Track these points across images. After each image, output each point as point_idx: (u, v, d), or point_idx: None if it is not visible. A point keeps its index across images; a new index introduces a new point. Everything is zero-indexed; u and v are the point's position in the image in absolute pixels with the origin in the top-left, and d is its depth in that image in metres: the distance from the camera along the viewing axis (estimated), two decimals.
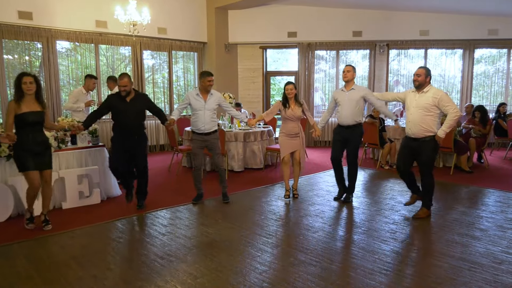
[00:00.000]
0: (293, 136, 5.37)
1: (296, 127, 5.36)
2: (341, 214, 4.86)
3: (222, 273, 3.33)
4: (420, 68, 4.55)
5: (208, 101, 5.14)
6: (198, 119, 5.14)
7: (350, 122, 5.18)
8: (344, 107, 5.20)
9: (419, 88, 4.52)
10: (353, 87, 5.19)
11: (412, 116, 4.52)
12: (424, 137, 4.48)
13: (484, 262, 3.50)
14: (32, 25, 7.80)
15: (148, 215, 4.87)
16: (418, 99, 4.52)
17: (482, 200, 5.50)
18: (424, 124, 4.45)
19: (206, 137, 5.18)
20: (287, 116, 5.30)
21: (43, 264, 3.54)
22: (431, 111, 4.45)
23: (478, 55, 10.82)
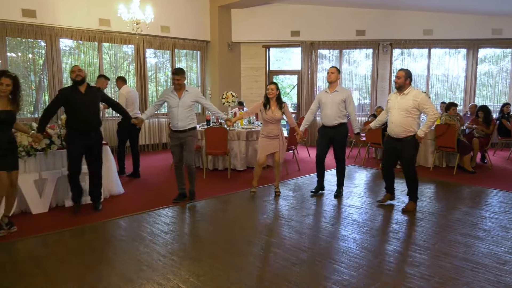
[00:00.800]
0: (272, 138, 5.33)
1: (276, 129, 5.32)
2: (344, 214, 4.85)
3: (224, 272, 3.33)
4: (401, 70, 4.79)
5: (183, 98, 5.05)
6: (173, 116, 5.09)
7: (334, 123, 5.31)
8: (327, 108, 5.31)
9: (399, 89, 4.77)
10: (336, 89, 5.33)
11: (394, 118, 4.74)
12: (406, 136, 4.71)
13: (487, 262, 3.49)
14: (35, 23, 7.81)
15: (151, 214, 4.87)
16: (399, 101, 4.74)
17: (485, 201, 5.48)
18: (405, 125, 4.69)
19: (181, 135, 5.10)
20: (267, 118, 5.26)
21: (46, 261, 3.55)
22: (412, 112, 4.66)
23: (482, 55, 10.77)
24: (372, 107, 10.40)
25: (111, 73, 9.45)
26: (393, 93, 4.95)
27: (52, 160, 5.05)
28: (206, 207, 5.17)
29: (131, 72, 9.76)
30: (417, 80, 10.72)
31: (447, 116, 7.24)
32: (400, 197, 5.58)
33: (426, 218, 4.67)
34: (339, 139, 5.39)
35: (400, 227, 4.38)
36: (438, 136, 7.20)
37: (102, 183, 5.38)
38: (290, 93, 15.03)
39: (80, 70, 4.67)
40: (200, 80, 10.76)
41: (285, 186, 6.20)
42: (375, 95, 10.51)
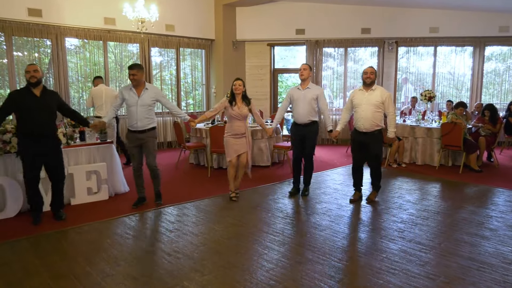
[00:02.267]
0: (239, 136, 5.13)
1: (242, 127, 5.14)
2: (349, 213, 4.83)
3: (229, 270, 3.33)
4: (371, 67, 5.05)
5: (142, 96, 4.77)
6: (131, 116, 4.81)
7: (306, 120, 5.26)
8: (299, 105, 5.25)
9: (370, 85, 4.99)
10: (308, 86, 5.28)
11: (364, 113, 4.95)
12: (374, 130, 4.97)
13: (494, 262, 3.46)
14: (41, 22, 7.85)
15: (156, 212, 4.88)
16: (367, 97, 4.97)
17: (491, 200, 5.44)
18: (375, 120, 4.95)
19: (140, 135, 4.83)
20: (233, 114, 5.07)
21: (51, 259, 3.57)
22: (380, 107, 4.95)
23: (489, 53, 10.68)
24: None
25: (116, 72, 9.50)
26: (358, 90, 5.16)
27: None
28: (211, 206, 5.17)
29: None
30: (422, 79, 10.66)
31: (453, 114, 7.18)
32: (405, 195, 5.55)
33: (432, 217, 4.65)
34: (311, 137, 5.34)
35: (405, 226, 4.36)
36: (444, 135, 7.15)
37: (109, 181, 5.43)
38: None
39: (36, 70, 4.23)
40: (204, 79, 10.77)
41: (290, 185, 6.18)
42: None
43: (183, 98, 10.29)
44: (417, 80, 10.71)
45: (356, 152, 5.25)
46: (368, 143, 5.04)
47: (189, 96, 10.84)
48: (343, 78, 10.67)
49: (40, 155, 4.36)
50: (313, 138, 5.37)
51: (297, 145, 5.42)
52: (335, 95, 10.96)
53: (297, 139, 5.41)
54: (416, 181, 6.44)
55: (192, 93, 10.83)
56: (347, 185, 6.15)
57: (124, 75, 9.74)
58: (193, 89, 10.78)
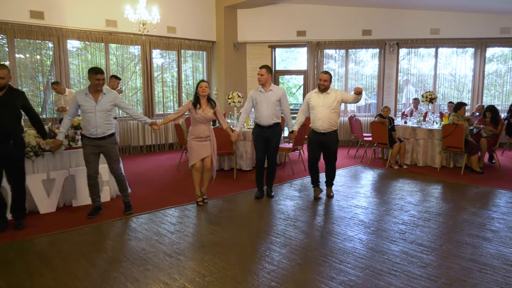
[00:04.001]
0: (203, 139, 5.01)
1: (207, 130, 5.03)
2: (350, 214, 4.83)
3: (230, 271, 3.34)
4: (327, 74, 5.26)
5: (100, 101, 4.56)
6: (89, 122, 4.54)
7: (271, 122, 5.29)
8: (263, 107, 5.28)
9: (324, 91, 5.23)
10: (271, 88, 5.32)
11: (321, 114, 5.20)
12: (331, 131, 5.24)
13: (495, 263, 3.45)
14: (43, 25, 7.89)
15: (157, 213, 4.89)
16: (323, 99, 5.23)
17: (493, 201, 5.43)
18: (332, 120, 5.21)
19: (100, 142, 4.61)
20: (197, 117, 4.95)
21: (53, 260, 3.58)
22: (336, 108, 5.24)
23: (490, 54, 10.68)
24: (378, 106, 10.36)
25: (118, 74, 9.49)
26: (313, 93, 5.35)
27: (59, 160, 5.10)
28: (212, 207, 5.18)
29: (137, 72, 9.81)
30: (424, 80, 10.66)
31: (455, 116, 7.17)
32: (406, 197, 5.55)
33: (433, 219, 4.64)
34: (275, 139, 5.37)
35: (406, 227, 4.35)
36: (445, 136, 7.15)
37: (111, 182, 5.43)
38: (296, 93, 15.01)
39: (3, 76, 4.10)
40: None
41: (291, 187, 6.19)
42: (381, 95, 10.46)
43: (184, 100, 10.29)
44: (418, 81, 10.71)
45: (313, 151, 5.39)
46: (326, 143, 5.27)
47: (191, 98, 10.81)
48: (344, 80, 10.67)
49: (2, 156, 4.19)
50: (276, 140, 5.41)
51: (260, 147, 5.40)
52: None
53: (260, 141, 5.38)
54: (418, 182, 6.43)
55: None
56: (348, 187, 6.15)
57: (126, 77, 9.78)
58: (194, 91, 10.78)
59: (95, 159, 4.70)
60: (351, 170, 7.45)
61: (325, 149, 5.35)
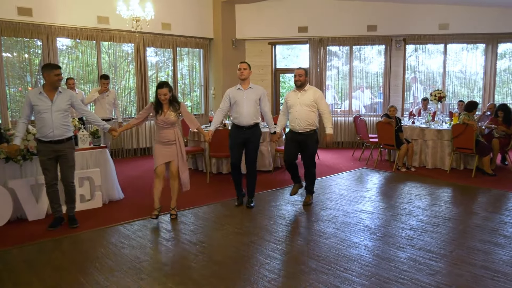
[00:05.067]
0: (167, 144, 4.85)
1: (171, 134, 4.86)
2: (355, 219, 4.84)
3: (229, 280, 3.34)
4: (300, 69, 5.26)
5: (56, 100, 4.42)
6: (45, 124, 4.36)
7: (251, 122, 5.22)
8: (243, 107, 5.18)
9: (301, 87, 5.23)
10: (250, 86, 5.28)
11: (299, 113, 5.19)
12: (309, 130, 5.21)
13: (508, 271, 3.46)
14: (31, 22, 7.90)
15: (152, 220, 4.89)
16: (301, 98, 5.22)
17: (506, 205, 5.43)
18: (309, 119, 5.19)
19: (58, 146, 4.46)
20: (159, 122, 4.82)
21: (43, 269, 3.58)
22: (313, 107, 5.22)
23: (502, 50, 10.70)
24: (384, 106, 10.38)
25: (110, 73, 9.52)
26: (291, 92, 5.38)
27: None
28: (210, 213, 5.18)
29: (131, 71, 9.83)
30: (432, 77, 10.68)
31: (466, 115, 7.17)
32: (414, 201, 5.56)
33: (443, 224, 4.65)
34: (255, 140, 5.27)
35: (414, 233, 4.36)
36: (455, 137, 7.16)
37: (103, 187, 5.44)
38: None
39: None
40: (203, 80, 10.81)
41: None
42: (387, 94, 10.47)
43: (181, 99, 10.31)
44: (427, 79, 10.73)
45: (289, 149, 5.38)
46: (304, 143, 5.26)
47: (187, 98, 10.88)
48: (349, 78, 10.69)
49: None
50: (257, 142, 5.31)
51: (237, 150, 5.27)
52: (340, 95, 10.98)
53: (237, 143, 5.26)
54: (426, 185, 6.44)
55: (190, 95, 10.87)
56: (353, 191, 6.16)
57: (119, 76, 9.80)
58: (191, 91, 10.82)
59: (52, 165, 4.55)
60: (356, 173, 7.47)
61: (302, 150, 5.32)
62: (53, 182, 4.61)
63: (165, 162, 4.88)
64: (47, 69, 4.40)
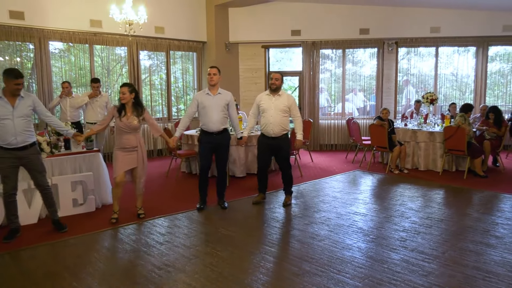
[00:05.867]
0: (129, 151, 4.76)
1: (133, 140, 4.76)
2: (348, 222, 4.86)
3: (223, 283, 3.34)
4: (277, 73, 5.35)
5: (18, 106, 4.24)
6: (7, 131, 4.18)
7: (220, 128, 5.19)
8: (212, 112, 5.13)
9: (275, 91, 5.28)
10: (219, 91, 5.23)
11: (273, 118, 5.24)
12: (282, 135, 5.31)
13: (500, 271, 3.49)
14: (23, 25, 7.87)
15: (145, 224, 4.88)
16: (275, 102, 5.27)
17: (497, 206, 5.49)
18: (283, 124, 5.29)
19: (21, 153, 4.29)
20: (121, 126, 4.69)
21: (36, 275, 3.56)
22: (286, 112, 5.29)
23: (493, 53, 10.82)
24: (377, 108, 10.44)
25: (103, 76, 9.51)
26: (264, 95, 5.39)
27: None
28: (203, 216, 5.18)
29: (124, 75, 9.81)
30: (424, 80, 10.77)
31: (462, 117, 7.20)
32: (407, 202, 5.59)
33: (435, 225, 4.68)
34: (225, 145, 5.29)
35: (407, 234, 4.39)
36: (446, 139, 7.22)
37: (96, 191, 5.42)
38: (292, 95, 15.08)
39: None
40: (196, 83, 10.81)
41: None
42: (380, 96, 10.54)
43: (174, 103, 10.31)
44: (419, 82, 10.82)
45: (263, 156, 5.45)
46: (278, 147, 5.33)
47: (180, 101, 10.87)
48: (342, 81, 10.75)
49: None
50: (227, 147, 5.33)
51: (207, 156, 5.25)
52: (334, 98, 11.04)
53: (207, 149, 5.24)
54: (419, 187, 6.49)
55: (184, 98, 10.86)
56: (346, 193, 6.19)
57: (112, 80, 9.78)
58: (184, 94, 10.82)
59: (13, 173, 4.36)
60: (350, 175, 7.50)
61: (277, 154, 5.40)
62: (12, 192, 4.41)
63: (127, 170, 4.83)
64: (8, 77, 4.17)
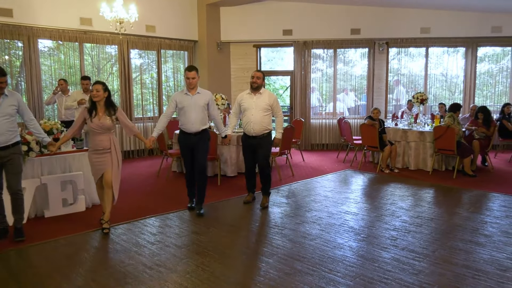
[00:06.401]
0: (102, 153, 4.54)
1: (106, 141, 4.54)
2: (340, 221, 4.88)
3: (214, 283, 3.33)
4: (259, 71, 5.36)
5: (2, 105, 4.18)
6: None
7: (199, 129, 5.03)
8: (191, 112, 4.98)
9: (256, 89, 5.28)
10: (198, 91, 5.05)
11: (254, 117, 5.22)
12: (263, 134, 5.27)
13: (489, 269, 3.53)
14: (12, 23, 7.76)
15: (136, 223, 4.85)
16: (256, 101, 5.25)
17: (486, 205, 5.55)
18: (265, 123, 5.26)
19: (3, 153, 4.21)
20: (92, 127, 4.48)
21: (25, 276, 3.52)
22: (268, 111, 5.28)
23: (481, 54, 10.95)
24: (368, 108, 10.50)
25: (93, 75, 9.43)
26: (245, 94, 5.38)
27: (30, 168, 5.02)
28: (195, 216, 5.16)
29: (114, 74, 9.73)
30: (414, 80, 10.86)
31: (451, 117, 7.26)
32: (398, 202, 5.64)
33: (425, 224, 4.73)
34: (203, 145, 5.11)
35: (398, 233, 4.42)
36: (436, 138, 7.29)
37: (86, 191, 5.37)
38: (283, 95, 15.10)
39: None
40: None
41: (278, 193, 6.22)
42: (371, 96, 10.60)
43: (165, 102, 10.26)
44: (409, 82, 10.91)
45: (247, 155, 5.43)
46: (258, 146, 5.29)
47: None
48: (333, 81, 10.79)
49: None
50: (205, 147, 5.16)
51: (188, 157, 5.14)
52: (325, 98, 11.08)
53: (186, 150, 5.12)
54: (409, 186, 6.54)
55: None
56: (338, 192, 6.21)
57: (102, 78, 9.69)
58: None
59: None
60: (341, 174, 7.53)
61: (256, 152, 5.34)
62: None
63: None
64: None
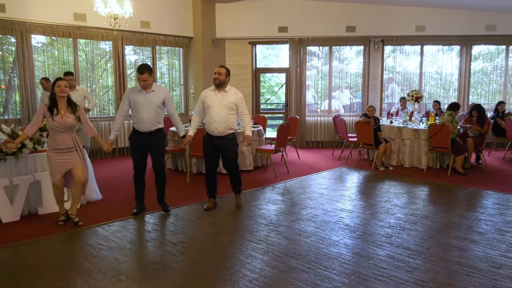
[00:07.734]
0: (65, 152, 4.42)
1: (69, 139, 4.42)
2: (335, 218, 4.89)
3: (209, 281, 3.32)
4: (221, 67, 5.02)
5: None
6: None
7: (153, 128, 4.81)
8: (144, 111, 4.73)
9: (220, 86, 4.96)
10: (153, 89, 4.80)
11: (218, 116, 4.90)
12: (228, 134, 4.98)
13: (483, 266, 3.56)
14: (5, 18, 7.68)
15: (131, 221, 4.83)
16: (221, 98, 4.95)
17: (480, 202, 5.59)
18: (229, 123, 4.95)
19: None
20: (55, 125, 4.31)
21: (18, 273, 3.49)
22: (233, 110, 4.99)
23: (476, 52, 11.00)
24: (363, 106, 10.52)
25: (87, 71, 9.37)
26: (209, 91, 5.06)
27: (23, 165, 4.97)
28: (190, 213, 5.15)
29: (109, 70, 9.67)
30: (409, 78, 10.89)
31: (450, 115, 7.28)
32: (393, 199, 5.66)
33: (420, 222, 4.74)
34: (159, 145, 4.91)
35: (393, 231, 4.44)
36: (431, 136, 7.32)
37: None
38: (278, 92, 15.10)
39: None
40: (183, 79, 10.72)
41: (273, 190, 6.22)
42: (366, 94, 10.63)
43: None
44: (404, 79, 10.94)
45: (209, 158, 5.10)
46: (223, 147, 4.99)
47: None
48: (328, 78, 10.80)
49: None
50: (161, 146, 4.96)
51: (141, 157, 4.92)
52: (320, 95, 11.08)
53: (140, 150, 4.88)
54: (404, 184, 6.56)
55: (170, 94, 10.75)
56: (333, 190, 6.22)
57: (96, 75, 9.63)
58: (170, 90, 10.71)
59: None
60: (336, 172, 7.55)
61: (222, 155, 5.07)
62: None
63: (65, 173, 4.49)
64: None
